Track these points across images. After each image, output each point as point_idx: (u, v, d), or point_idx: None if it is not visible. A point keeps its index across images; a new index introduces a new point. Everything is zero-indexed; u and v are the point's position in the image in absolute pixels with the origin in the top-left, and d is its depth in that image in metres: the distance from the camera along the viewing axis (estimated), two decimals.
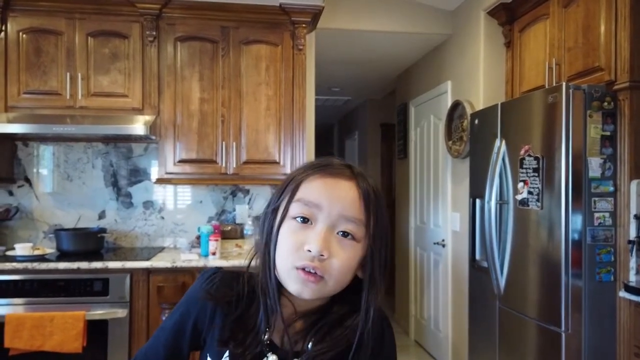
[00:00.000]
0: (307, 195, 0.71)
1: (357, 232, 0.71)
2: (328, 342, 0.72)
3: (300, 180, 0.73)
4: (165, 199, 3.21)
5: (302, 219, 0.70)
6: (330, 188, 0.71)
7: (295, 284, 0.70)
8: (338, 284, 0.71)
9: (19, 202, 3.05)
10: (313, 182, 0.72)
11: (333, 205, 0.70)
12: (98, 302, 2.53)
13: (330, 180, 0.72)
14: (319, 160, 0.76)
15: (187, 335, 0.79)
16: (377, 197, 0.73)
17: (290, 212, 0.72)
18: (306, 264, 0.68)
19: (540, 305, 2.25)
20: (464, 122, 3.13)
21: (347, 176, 0.72)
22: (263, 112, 2.99)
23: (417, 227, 4.20)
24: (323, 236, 0.68)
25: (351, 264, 0.71)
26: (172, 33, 2.91)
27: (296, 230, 0.70)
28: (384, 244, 0.74)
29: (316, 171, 0.73)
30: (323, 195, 0.70)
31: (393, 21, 3.46)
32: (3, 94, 2.76)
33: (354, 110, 6.77)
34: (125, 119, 2.79)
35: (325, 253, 0.68)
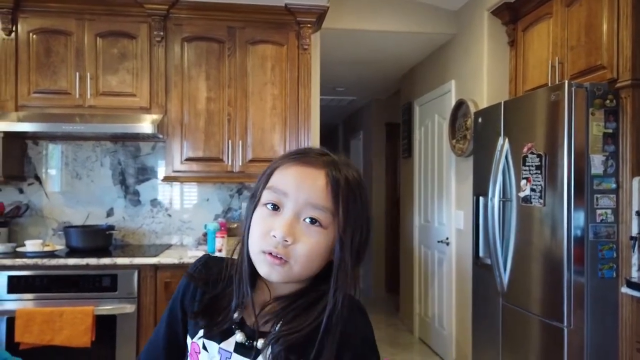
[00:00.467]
0: (277, 183, 0.74)
1: (324, 219, 0.72)
2: (295, 324, 0.74)
3: (274, 168, 0.77)
4: (173, 197, 3.25)
5: (272, 205, 0.74)
6: (298, 176, 0.73)
7: (264, 267, 0.73)
8: (304, 268, 0.73)
9: (29, 199, 3.10)
10: (284, 171, 0.75)
11: (300, 193, 0.72)
12: (106, 297, 2.57)
13: (301, 168, 0.74)
14: (298, 149, 0.79)
15: (178, 320, 0.84)
16: (349, 186, 0.74)
17: (262, 199, 0.75)
18: (272, 249, 0.72)
19: (543, 301, 2.27)
20: (468, 121, 3.15)
21: (318, 165, 0.74)
22: (269, 111, 3.02)
23: (421, 225, 4.22)
24: (288, 223, 0.71)
25: (317, 250, 0.73)
26: (179, 33, 2.96)
27: (266, 217, 0.74)
28: (357, 231, 0.75)
29: (290, 160, 0.76)
30: (291, 183, 0.73)
31: (397, 21, 3.49)
32: (14, 93, 2.81)
33: (359, 110, 6.79)
34: (133, 118, 2.83)
35: (290, 239, 0.71)
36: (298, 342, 0.73)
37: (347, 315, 0.76)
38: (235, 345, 0.77)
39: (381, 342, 4.20)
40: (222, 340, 0.77)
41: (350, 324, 0.77)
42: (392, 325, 4.74)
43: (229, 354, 0.77)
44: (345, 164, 0.77)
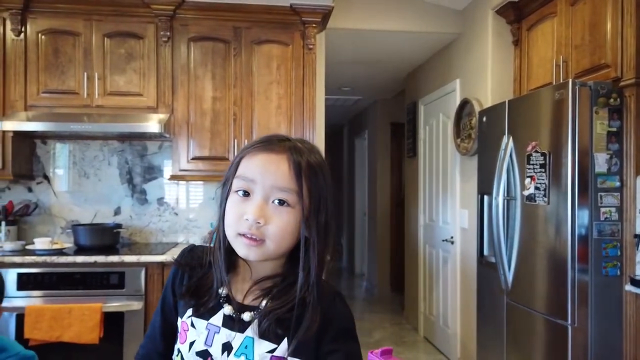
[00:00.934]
0: (245, 171, 0.81)
1: (290, 199, 0.79)
2: (280, 300, 0.81)
3: (241, 157, 0.83)
4: (179, 196, 3.28)
5: (242, 192, 0.80)
6: (263, 163, 0.79)
7: (241, 249, 0.80)
8: (278, 245, 0.80)
9: (37, 198, 3.14)
10: (250, 159, 0.81)
11: (266, 179, 0.79)
12: (114, 294, 2.60)
13: (264, 155, 0.80)
14: (261, 138, 0.84)
15: (171, 306, 0.90)
16: (310, 167, 0.80)
17: (233, 187, 0.81)
18: (246, 231, 0.78)
19: (547, 299, 2.28)
20: (472, 120, 3.17)
21: (280, 150, 0.80)
22: (274, 110, 3.05)
23: (426, 224, 4.23)
24: (258, 206, 0.78)
25: (288, 227, 0.79)
26: (185, 33, 2.98)
27: (238, 203, 0.80)
28: (322, 209, 0.81)
29: (254, 149, 0.82)
30: (257, 170, 0.79)
31: (402, 21, 3.51)
32: (23, 93, 2.85)
33: (364, 109, 6.81)
34: (140, 117, 2.86)
35: (262, 220, 0.78)
36: (284, 317, 0.80)
37: (328, 302, 0.83)
38: (223, 319, 0.83)
39: (386, 341, 4.22)
40: (210, 316, 0.83)
41: (331, 310, 0.83)
42: (397, 324, 4.75)
43: (218, 328, 0.82)
44: (307, 148, 0.83)
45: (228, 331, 0.82)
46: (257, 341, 0.81)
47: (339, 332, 0.82)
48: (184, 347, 0.84)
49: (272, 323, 0.80)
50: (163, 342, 0.90)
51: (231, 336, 0.82)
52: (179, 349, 0.85)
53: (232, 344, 0.81)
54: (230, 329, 0.82)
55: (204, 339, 0.82)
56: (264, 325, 0.80)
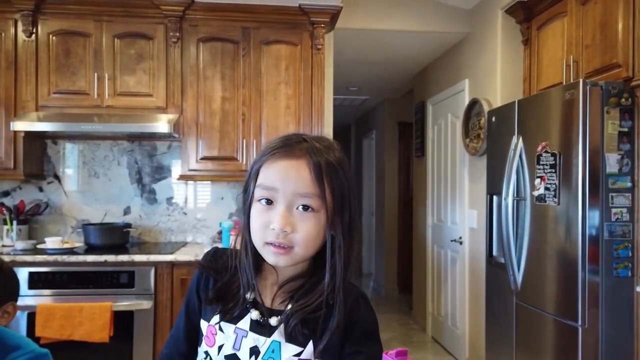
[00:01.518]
0: (265, 180, 0.80)
1: (314, 204, 0.78)
2: (305, 300, 0.81)
3: (259, 166, 0.82)
4: (188, 196, 3.30)
5: (265, 200, 0.80)
6: (282, 170, 0.79)
7: (270, 257, 0.80)
8: (306, 250, 0.80)
9: (48, 197, 3.17)
10: (269, 167, 0.80)
11: (287, 186, 0.78)
12: (124, 293, 2.62)
13: (283, 162, 0.79)
14: (276, 142, 0.83)
15: (196, 309, 0.90)
16: (329, 165, 0.79)
17: (255, 196, 0.81)
18: (273, 240, 0.78)
19: (558, 300, 2.27)
20: (482, 120, 3.15)
21: (298, 155, 0.79)
22: (282, 110, 3.05)
23: (434, 225, 4.22)
24: (283, 215, 0.78)
25: (315, 232, 0.79)
26: (194, 34, 3.00)
27: (262, 212, 0.80)
28: (345, 209, 0.81)
29: (272, 155, 0.81)
30: (277, 178, 0.79)
31: (411, 20, 3.50)
32: (34, 94, 2.88)
33: (372, 109, 6.80)
34: (150, 117, 2.88)
35: (288, 228, 0.78)
36: (309, 318, 0.80)
37: (352, 303, 0.84)
38: (250, 323, 0.83)
39: (394, 341, 4.21)
40: (238, 321, 0.84)
41: (355, 312, 0.83)
42: (405, 324, 4.74)
43: (245, 332, 0.83)
44: (325, 146, 0.82)
45: (256, 335, 0.82)
46: (284, 345, 0.81)
47: (363, 334, 0.83)
48: (212, 350, 0.84)
49: (298, 324, 0.80)
50: (187, 343, 0.91)
51: (259, 340, 0.82)
52: (208, 352, 0.85)
53: (260, 348, 0.82)
54: (257, 333, 0.82)
55: (232, 342, 0.83)
56: (290, 328, 0.81)
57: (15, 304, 1.22)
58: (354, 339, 0.82)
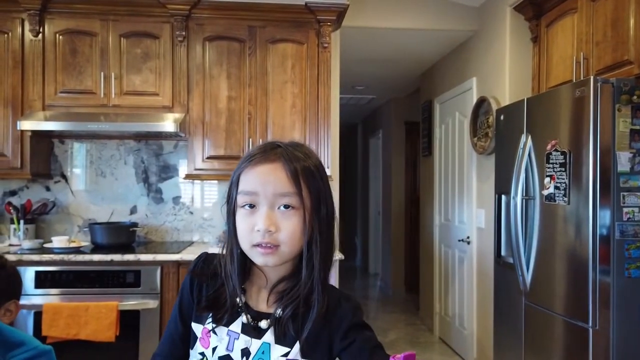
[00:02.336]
0: (245, 186, 0.84)
1: (293, 202, 0.83)
2: (291, 302, 0.85)
3: (239, 174, 0.86)
4: (194, 195, 3.29)
5: (248, 206, 0.84)
6: (261, 175, 0.83)
7: (258, 258, 0.84)
8: (293, 247, 0.84)
9: (55, 197, 3.18)
10: (248, 174, 0.84)
11: (266, 189, 0.82)
12: (130, 293, 2.62)
13: (260, 167, 0.84)
14: (252, 150, 0.88)
15: (189, 312, 0.91)
16: (305, 171, 0.84)
17: (238, 202, 0.85)
18: (260, 241, 0.82)
19: (568, 301, 2.23)
20: (490, 119, 3.12)
21: (273, 158, 0.84)
22: (289, 109, 3.04)
23: (441, 224, 4.19)
24: (266, 216, 0.82)
25: (298, 228, 0.83)
26: (200, 33, 2.99)
27: (246, 216, 0.84)
28: (323, 205, 0.85)
29: (249, 163, 0.85)
30: (257, 182, 0.83)
31: (418, 18, 3.47)
32: (41, 93, 2.88)
33: (378, 108, 6.77)
34: (156, 116, 2.87)
35: (272, 228, 0.82)
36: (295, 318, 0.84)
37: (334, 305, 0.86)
38: (242, 326, 0.87)
39: (401, 341, 4.19)
40: (230, 323, 0.87)
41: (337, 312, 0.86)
42: (412, 324, 4.71)
43: (237, 334, 0.87)
44: (304, 153, 0.86)
45: (246, 337, 0.86)
46: (273, 346, 0.85)
47: (350, 327, 0.85)
48: (208, 352, 0.87)
49: (286, 325, 0.84)
50: (183, 347, 0.92)
51: (249, 342, 0.86)
52: (204, 352, 0.88)
53: (250, 349, 0.86)
54: (248, 336, 0.86)
55: (225, 344, 0.87)
56: (278, 329, 0.85)
57: (17, 302, 1.21)
58: (342, 333, 0.85)
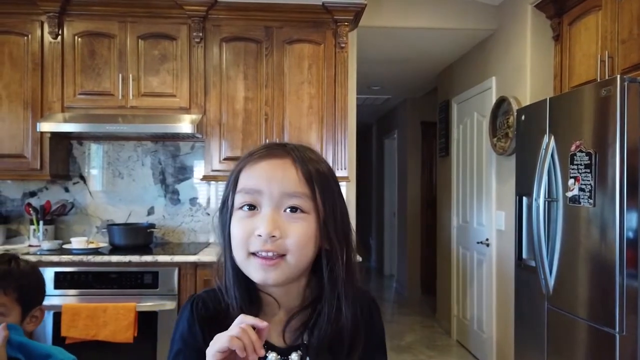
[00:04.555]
0: (247, 183, 0.72)
1: (304, 205, 0.71)
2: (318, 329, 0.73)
3: (238, 170, 0.74)
4: (211, 196, 3.29)
5: (248, 206, 0.71)
6: (266, 170, 0.71)
7: (256, 272, 0.70)
8: (300, 259, 0.70)
9: (74, 198, 3.20)
10: (250, 170, 0.73)
11: (273, 186, 0.70)
12: (148, 294, 2.62)
13: (265, 162, 0.72)
14: (254, 148, 0.76)
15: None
16: (319, 175, 0.72)
17: (236, 203, 0.72)
18: (259, 249, 0.69)
19: (593, 306, 2.18)
20: (510, 119, 3.07)
21: (282, 154, 0.72)
22: (305, 110, 3.02)
23: (459, 226, 4.14)
24: (270, 217, 0.69)
25: (307, 235, 0.70)
26: (217, 34, 2.98)
27: (244, 219, 0.71)
28: (337, 210, 0.73)
29: (253, 158, 0.74)
30: (261, 178, 0.71)
31: (436, 17, 3.43)
32: (60, 95, 2.90)
33: (393, 109, 6.72)
34: (174, 118, 2.88)
35: (277, 232, 0.69)
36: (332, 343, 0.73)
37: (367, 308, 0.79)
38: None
39: (418, 344, 4.14)
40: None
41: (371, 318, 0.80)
42: (429, 327, 4.66)
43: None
44: (308, 149, 0.76)
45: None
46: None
47: (379, 343, 0.79)
48: None
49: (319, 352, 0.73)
50: None
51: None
52: None
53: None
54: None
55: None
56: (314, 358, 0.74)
57: (42, 307, 1.21)
58: (370, 345, 0.77)
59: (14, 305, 1.11)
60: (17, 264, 1.16)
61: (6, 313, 1.10)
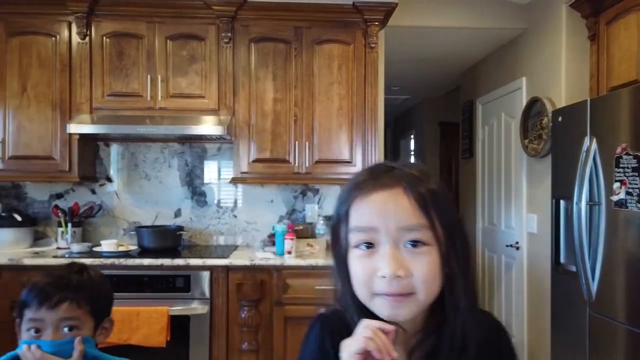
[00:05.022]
0: (359, 221, 0.69)
1: (424, 237, 0.67)
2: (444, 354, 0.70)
3: (348, 207, 0.70)
4: (238, 198, 3.25)
5: (365, 245, 0.68)
6: (378, 205, 0.67)
7: (385, 310, 0.67)
8: (428, 294, 0.68)
9: (101, 200, 3.17)
10: (360, 205, 0.69)
11: (388, 222, 0.66)
12: (180, 298, 2.59)
13: (376, 196, 0.68)
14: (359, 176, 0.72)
15: None
16: (432, 194, 0.68)
17: (351, 241, 0.70)
18: (385, 291, 0.66)
19: (639, 312, 2.12)
20: (544, 120, 3.01)
21: (391, 184, 0.68)
22: (335, 111, 2.98)
23: (485, 228, 4.08)
24: (391, 257, 0.66)
25: (433, 270, 0.67)
26: (246, 34, 2.95)
27: (363, 259, 0.68)
28: (457, 236, 0.70)
29: (360, 191, 0.69)
30: (374, 215, 0.67)
31: (463, 17, 3.37)
32: (88, 96, 2.88)
33: (410, 109, 6.67)
34: (203, 119, 2.84)
35: (401, 272, 0.65)
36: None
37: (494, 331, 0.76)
38: None
39: None
40: None
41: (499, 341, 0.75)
42: None
43: None
44: (424, 174, 0.71)
45: None
46: None
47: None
48: None
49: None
50: None
51: None
52: None
53: None
54: None
55: None
56: None
57: (111, 318, 1.17)
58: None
59: (88, 317, 1.08)
60: (89, 274, 1.13)
61: (80, 326, 1.07)
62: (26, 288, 1.07)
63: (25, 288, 1.08)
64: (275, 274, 2.63)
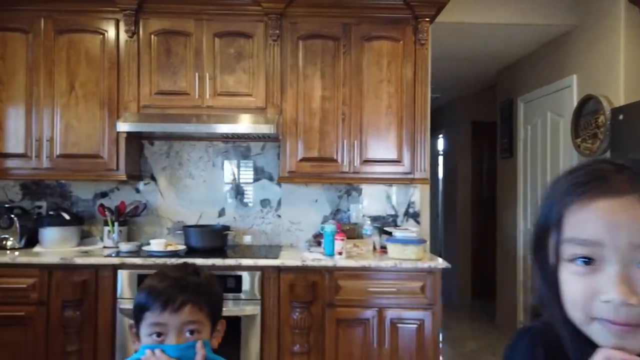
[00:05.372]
0: (579, 232, 0.58)
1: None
2: None
3: (561, 213, 0.59)
4: (281, 198, 3.21)
5: (583, 260, 0.58)
6: (605, 216, 0.57)
7: (605, 339, 0.57)
8: None
9: (145, 199, 3.15)
10: (581, 212, 0.58)
11: (618, 237, 0.56)
12: (231, 298, 2.55)
13: (603, 204, 0.57)
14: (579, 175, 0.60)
15: None
16: None
17: (563, 254, 0.59)
18: (609, 318, 0.56)
19: None
20: (599, 119, 2.92)
21: (621, 190, 0.57)
22: (384, 110, 2.92)
23: (527, 230, 3.99)
24: (621, 280, 0.55)
25: None
26: (294, 32, 2.90)
27: (580, 277, 0.58)
28: None
29: (577, 196, 0.59)
30: (599, 228, 0.57)
31: (509, 13, 3.30)
32: (136, 94, 2.85)
33: (440, 108, 6.57)
34: (251, 118, 2.80)
35: (634, 300, 0.54)
36: None
37: None
38: None
39: (483, 351, 4.02)
40: None
41: None
42: (488, 333, 4.52)
43: None
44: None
45: None
46: None
47: None
48: None
49: None
50: None
51: None
52: None
53: None
54: None
55: None
56: None
57: (224, 320, 1.14)
58: None
59: (207, 320, 1.05)
60: (205, 275, 1.09)
61: (201, 329, 1.04)
62: (142, 291, 1.03)
63: (141, 291, 1.04)
64: (327, 275, 2.59)
